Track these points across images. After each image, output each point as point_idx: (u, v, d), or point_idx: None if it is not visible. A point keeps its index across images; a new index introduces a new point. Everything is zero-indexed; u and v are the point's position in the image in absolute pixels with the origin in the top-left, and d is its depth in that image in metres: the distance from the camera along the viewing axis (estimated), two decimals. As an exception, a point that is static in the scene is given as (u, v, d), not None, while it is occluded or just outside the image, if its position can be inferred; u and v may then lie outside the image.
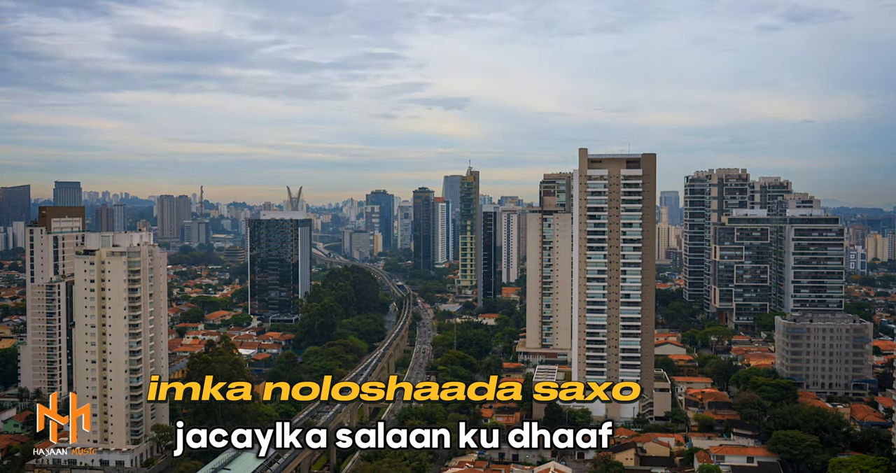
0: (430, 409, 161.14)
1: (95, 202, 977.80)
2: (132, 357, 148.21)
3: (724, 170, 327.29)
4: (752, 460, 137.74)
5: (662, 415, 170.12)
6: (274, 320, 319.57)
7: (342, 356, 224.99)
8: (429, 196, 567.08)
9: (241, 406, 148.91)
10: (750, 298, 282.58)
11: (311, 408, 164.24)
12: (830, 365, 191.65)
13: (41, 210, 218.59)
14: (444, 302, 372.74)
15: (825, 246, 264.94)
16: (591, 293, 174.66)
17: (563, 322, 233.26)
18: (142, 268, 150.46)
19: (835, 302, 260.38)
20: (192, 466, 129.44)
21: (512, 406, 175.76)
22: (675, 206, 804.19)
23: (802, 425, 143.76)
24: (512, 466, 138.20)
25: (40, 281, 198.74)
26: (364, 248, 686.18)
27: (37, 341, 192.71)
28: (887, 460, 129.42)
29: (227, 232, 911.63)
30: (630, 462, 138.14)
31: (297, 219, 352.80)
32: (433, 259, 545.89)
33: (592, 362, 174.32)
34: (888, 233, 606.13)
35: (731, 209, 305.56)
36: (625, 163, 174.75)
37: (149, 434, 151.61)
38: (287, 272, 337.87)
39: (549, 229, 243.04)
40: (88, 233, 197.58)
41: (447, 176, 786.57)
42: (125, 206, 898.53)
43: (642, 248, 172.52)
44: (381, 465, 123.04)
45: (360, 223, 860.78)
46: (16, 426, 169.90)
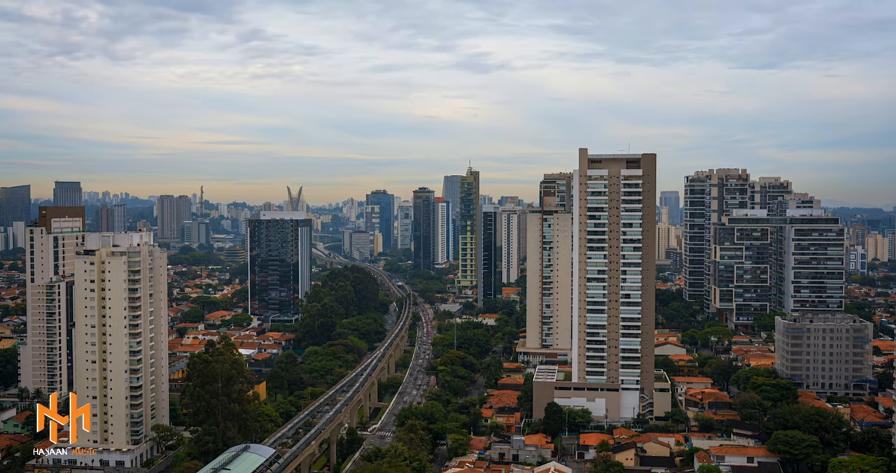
0: (430, 409, 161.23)
1: (95, 202, 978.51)
2: (132, 357, 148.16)
3: (724, 170, 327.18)
4: (752, 460, 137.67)
5: (662, 415, 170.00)
6: (274, 320, 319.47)
7: (342, 356, 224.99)
8: (429, 196, 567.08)
9: (241, 407, 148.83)
10: (750, 298, 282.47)
11: (311, 408, 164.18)
12: (830, 365, 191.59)
13: (41, 210, 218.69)
14: (445, 302, 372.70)
15: (825, 247, 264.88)
16: (591, 293, 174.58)
17: (564, 322, 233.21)
18: (142, 268, 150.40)
19: (835, 303, 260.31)
20: (192, 466, 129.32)
21: (512, 406, 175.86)
22: (675, 206, 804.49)
23: (802, 425, 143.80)
24: (512, 466, 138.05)
25: (40, 281, 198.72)
26: (364, 248, 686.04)
27: (37, 341, 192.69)
28: (887, 460, 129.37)
29: (227, 232, 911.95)
30: (630, 463, 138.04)
31: (297, 219, 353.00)
32: (433, 259, 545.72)
33: (592, 362, 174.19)
34: (888, 233, 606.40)
35: (731, 209, 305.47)
36: (625, 163, 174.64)
37: (149, 434, 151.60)
38: (287, 272, 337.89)
39: (549, 229, 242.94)
40: (88, 233, 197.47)
41: (447, 176, 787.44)
42: (125, 206, 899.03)
43: (642, 248, 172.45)
44: (381, 465, 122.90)
45: (360, 223, 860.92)
46: (16, 426, 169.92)
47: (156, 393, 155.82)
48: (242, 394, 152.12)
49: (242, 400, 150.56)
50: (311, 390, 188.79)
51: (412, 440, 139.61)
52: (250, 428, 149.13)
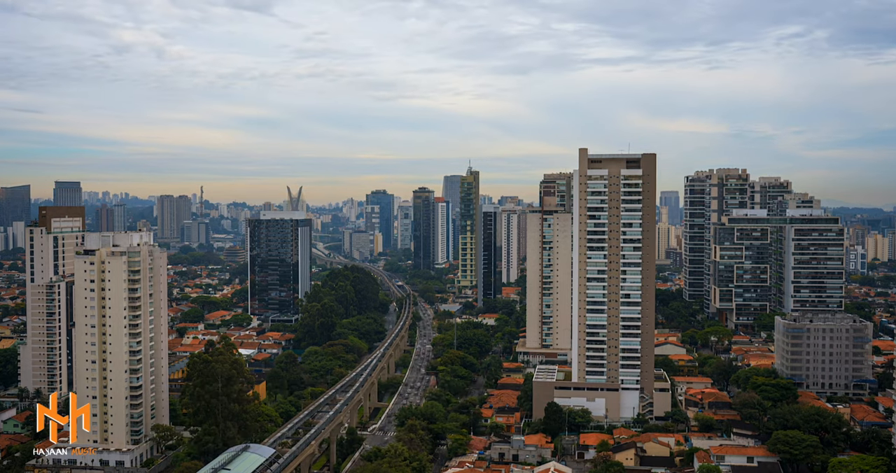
0: (430, 409, 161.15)
1: (95, 202, 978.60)
2: (132, 357, 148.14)
3: (724, 170, 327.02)
4: (752, 460, 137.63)
5: (662, 415, 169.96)
6: (274, 320, 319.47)
7: (342, 356, 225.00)
8: (429, 196, 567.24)
9: (241, 407, 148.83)
10: (750, 298, 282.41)
11: (311, 408, 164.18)
12: (830, 365, 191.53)
13: (41, 210, 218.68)
14: (444, 302, 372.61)
15: (825, 246, 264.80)
16: (591, 293, 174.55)
17: (563, 322, 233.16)
18: (142, 268, 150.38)
19: (835, 303, 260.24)
20: (192, 466, 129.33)
21: (512, 406, 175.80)
22: (675, 206, 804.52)
23: (802, 425, 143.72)
24: (512, 466, 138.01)
25: (40, 281, 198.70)
26: (364, 248, 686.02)
27: (37, 341, 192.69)
28: (887, 460, 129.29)
29: (227, 232, 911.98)
30: (630, 462, 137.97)
31: (297, 219, 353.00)
32: (433, 259, 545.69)
33: (592, 362, 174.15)
34: (888, 233, 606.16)
35: (731, 209, 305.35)
36: (625, 163, 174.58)
37: (149, 434, 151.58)
38: (287, 272, 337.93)
39: (549, 229, 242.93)
40: (88, 233, 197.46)
41: (447, 176, 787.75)
42: (125, 206, 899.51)
43: (642, 248, 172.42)
44: (381, 465, 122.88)
45: (360, 223, 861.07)
46: (16, 426, 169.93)
47: (156, 392, 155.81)
48: (242, 394, 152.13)
49: (242, 400, 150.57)
50: (311, 390, 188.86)
51: (412, 440, 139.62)
52: (250, 428, 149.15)
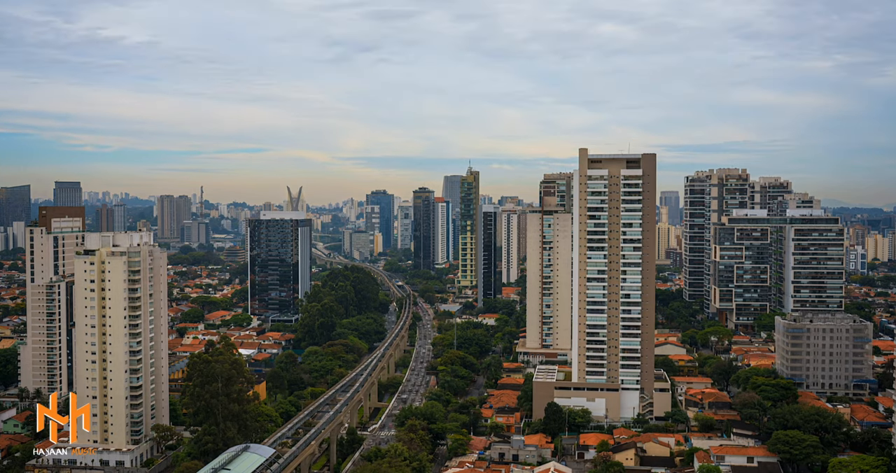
0: (430, 409, 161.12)
1: (95, 202, 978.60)
2: (132, 357, 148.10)
3: (724, 170, 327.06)
4: (752, 460, 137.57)
5: (662, 415, 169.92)
6: (274, 320, 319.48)
7: (342, 356, 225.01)
8: (429, 196, 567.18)
9: (241, 407, 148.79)
10: (750, 298, 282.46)
11: (311, 408, 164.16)
12: (830, 365, 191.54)
13: (41, 210, 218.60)
14: (444, 302, 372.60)
15: (825, 247, 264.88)
16: (591, 293, 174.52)
17: (563, 322, 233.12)
18: (142, 268, 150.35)
19: (835, 303, 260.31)
20: (192, 466, 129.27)
21: (512, 406, 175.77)
22: (675, 206, 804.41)
23: (802, 425, 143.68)
24: (512, 466, 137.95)
25: (40, 281, 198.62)
26: (364, 248, 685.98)
27: (37, 341, 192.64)
28: (887, 460, 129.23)
29: (227, 232, 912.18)
30: (630, 463, 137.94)
31: (297, 219, 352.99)
32: (433, 259, 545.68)
33: (592, 362, 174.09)
34: (888, 233, 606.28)
35: (731, 209, 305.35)
36: (625, 163, 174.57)
37: (149, 434, 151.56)
38: (287, 272, 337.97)
39: (549, 229, 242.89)
40: (88, 233, 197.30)
41: (447, 176, 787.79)
42: (125, 206, 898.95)
43: (642, 248, 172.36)
44: (381, 465, 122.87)
45: (360, 223, 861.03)
46: (16, 426, 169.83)
47: (156, 392, 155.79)
48: (242, 394, 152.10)
49: (242, 400, 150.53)
50: (311, 390, 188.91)
51: (412, 440, 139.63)
52: (250, 428, 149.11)
